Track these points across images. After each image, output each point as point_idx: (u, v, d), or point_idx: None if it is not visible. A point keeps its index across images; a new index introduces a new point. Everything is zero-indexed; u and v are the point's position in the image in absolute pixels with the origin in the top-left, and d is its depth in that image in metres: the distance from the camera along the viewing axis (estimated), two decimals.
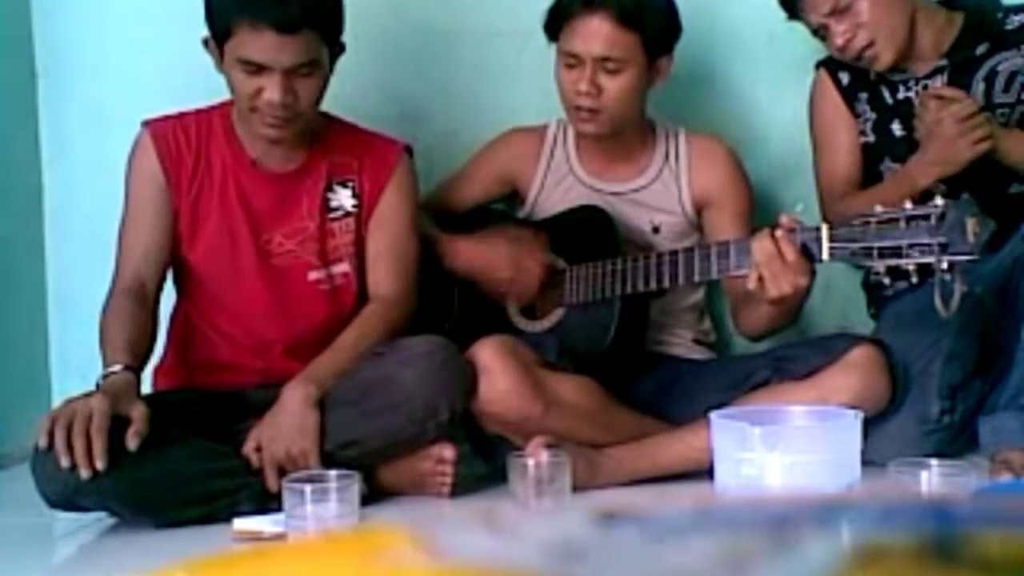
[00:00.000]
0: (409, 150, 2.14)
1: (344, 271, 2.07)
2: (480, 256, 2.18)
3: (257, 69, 1.87)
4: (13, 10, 2.56)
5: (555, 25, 2.11)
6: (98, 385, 1.81)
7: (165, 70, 2.53)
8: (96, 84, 2.60)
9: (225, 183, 2.02)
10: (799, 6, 2.17)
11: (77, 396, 1.75)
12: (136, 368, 1.87)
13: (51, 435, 1.68)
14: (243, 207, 2.02)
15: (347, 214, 2.07)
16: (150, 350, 1.97)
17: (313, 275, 2.05)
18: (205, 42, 1.95)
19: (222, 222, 2.02)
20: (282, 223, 2.04)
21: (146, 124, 2.04)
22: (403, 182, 2.10)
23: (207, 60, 1.98)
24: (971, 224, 1.63)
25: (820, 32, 2.18)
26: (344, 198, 2.07)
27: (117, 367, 1.83)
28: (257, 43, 1.84)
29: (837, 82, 2.27)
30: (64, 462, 1.67)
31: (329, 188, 2.06)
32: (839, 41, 2.14)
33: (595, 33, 2.04)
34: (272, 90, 1.87)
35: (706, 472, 1.71)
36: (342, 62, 2.00)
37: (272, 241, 2.04)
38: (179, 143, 2.02)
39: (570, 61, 2.08)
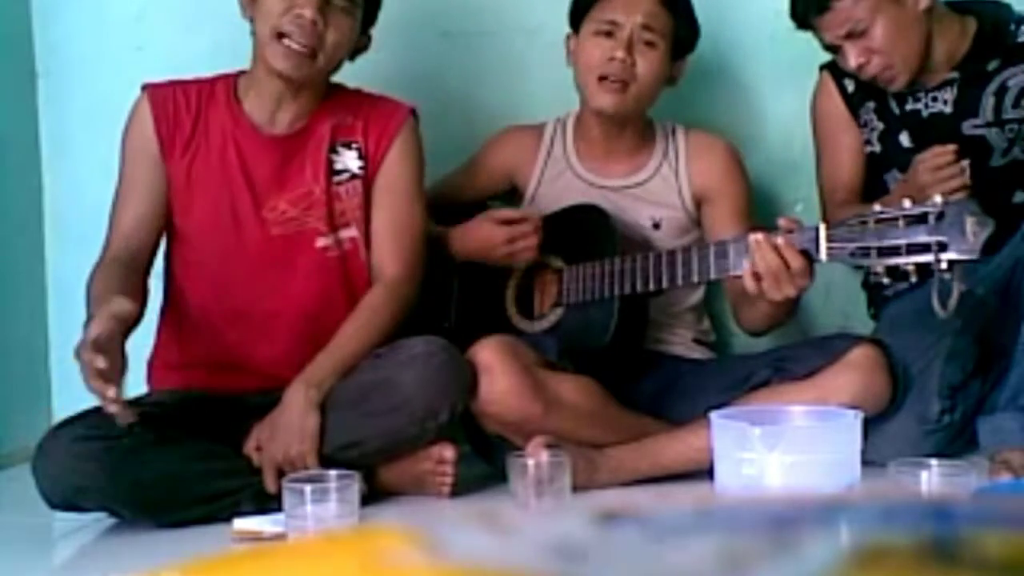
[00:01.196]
0: (415, 112, 2.09)
1: (352, 236, 2.02)
2: (474, 235, 2.16)
3: None
4: (13, 10, 2.56)
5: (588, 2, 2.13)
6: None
7: (165, 70, 2.53)
8: (96, 84, 2.60)
9: (224, 149, 1.98)
10: (813, 24, 2.15)
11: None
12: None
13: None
14: (243, 174, 1.97)
15: (353, 176, 2.01)
16: (139, 316, 1.86)
17: (321, 242, 1.99)
18: None
19: (222, 190, 1.97)
20: (285, 189, 1.98)
21: (145, 88, 2.01)
22: (408, 145, 2.04)
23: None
24: (970, 223, 1.62)
25: (833, 49, 2.16)
26: (349, 160, 2.01)
27: None
28: None
29: (842, 88, 2.25)
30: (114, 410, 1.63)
31: (333, 150, 2.01)
32: (852, 64, 2.12)
33: (639, 1, 2.09)
34: (306, 7, 1.86)
35: (706, 472, 1.71)
36: None
37: (276, 208, 1.98)
38: (178, 106, 1.99)
39: (606, 28, 2.10)
